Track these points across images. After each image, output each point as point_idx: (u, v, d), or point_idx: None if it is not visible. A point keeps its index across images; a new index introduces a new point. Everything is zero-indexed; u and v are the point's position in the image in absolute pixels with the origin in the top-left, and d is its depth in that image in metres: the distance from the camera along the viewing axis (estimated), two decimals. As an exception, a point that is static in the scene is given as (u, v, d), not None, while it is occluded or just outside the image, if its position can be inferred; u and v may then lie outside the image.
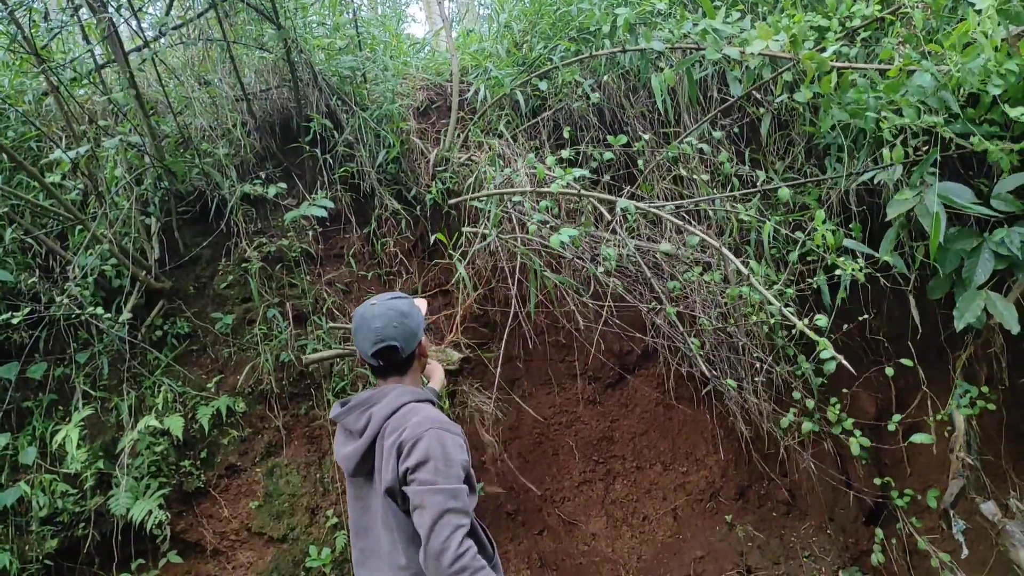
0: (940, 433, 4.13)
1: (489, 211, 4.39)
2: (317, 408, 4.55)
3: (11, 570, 3.93)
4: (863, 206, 4.38)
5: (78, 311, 4.08)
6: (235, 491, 4.37)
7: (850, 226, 4.05)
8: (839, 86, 3.66)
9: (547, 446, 4.98)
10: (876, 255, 3.88)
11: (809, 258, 4.16)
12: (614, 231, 4.29)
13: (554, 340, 5.01)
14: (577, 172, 4.28)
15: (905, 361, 3.89)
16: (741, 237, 4.41)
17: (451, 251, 4.45)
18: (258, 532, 4.30)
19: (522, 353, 4.87)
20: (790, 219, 4.41)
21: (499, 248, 4.46)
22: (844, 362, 3.35)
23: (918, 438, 3.90)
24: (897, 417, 4.00)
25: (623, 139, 4.14)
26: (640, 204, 4.10)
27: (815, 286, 4.08)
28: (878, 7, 3.82)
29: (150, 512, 3.98)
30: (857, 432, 3.83)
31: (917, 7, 3.55)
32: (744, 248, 4.27)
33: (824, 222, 3.66)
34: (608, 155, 4.39)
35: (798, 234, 3.98)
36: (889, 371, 4.09)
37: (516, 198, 4.37)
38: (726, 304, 4.24)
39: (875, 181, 3.99)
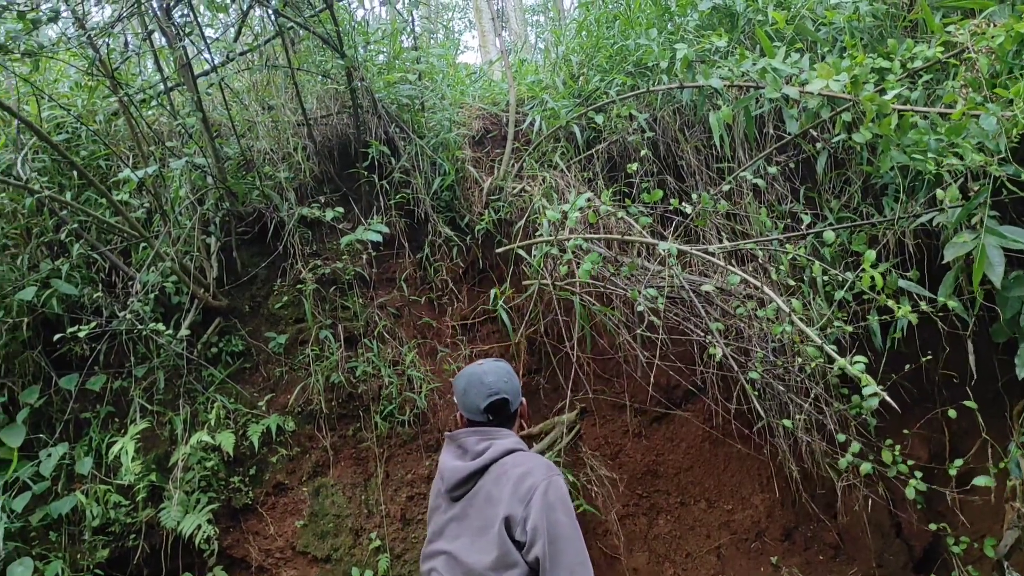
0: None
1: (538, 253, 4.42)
2: (365, 430, 4.59)
3: (63, 577, 4.01)
4: (921, 248, 4.33)
5: (139, 326, 4.19)
6: (281, 509, 4.43)
7: (908, 271, 4.01)
8: (899, 127, 3.65)
9: (591, 477, 4.96)
10: (932, 297, 3.84)
11: (866, 297, 4.12)
12: (662, 263, 4.31)
13: (600, 372, 5.00)
14: (633, 209, 4.32)
15: (969, 403, 3.80)
16: (795, 275, 4.38)
17: (501, 288, 4.50)
18: (302, 551, 4.34)
19: (569, 384, 4.87)
20: (845, 259, 4.38)
21: (550, 284, 4.49)
22: (888, 399, 3.32)
23: (980, 480, 3.80)
24: (958, 462, 3.92)
25: (659, 194, 4.11)
26: (684, 246, 4.10)
27: (869, 327, 4.05)
28: (940, 50, 3.81)
29: (199, 526, 4.05)
30: (917, 474, 3.74)
31: (982, 51, 3.53)
32: (799, 285, 4.24)
33: (875, 264, 3.64)
34: (658, 194, 4.42)
35: (848, 275, 3.95)
36: (952, 413, 4.01)
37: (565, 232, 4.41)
38: (779, 341, 4.21)
39: (933, 223, 3.95)
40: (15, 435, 4.16)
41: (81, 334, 3.94)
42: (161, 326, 4.19)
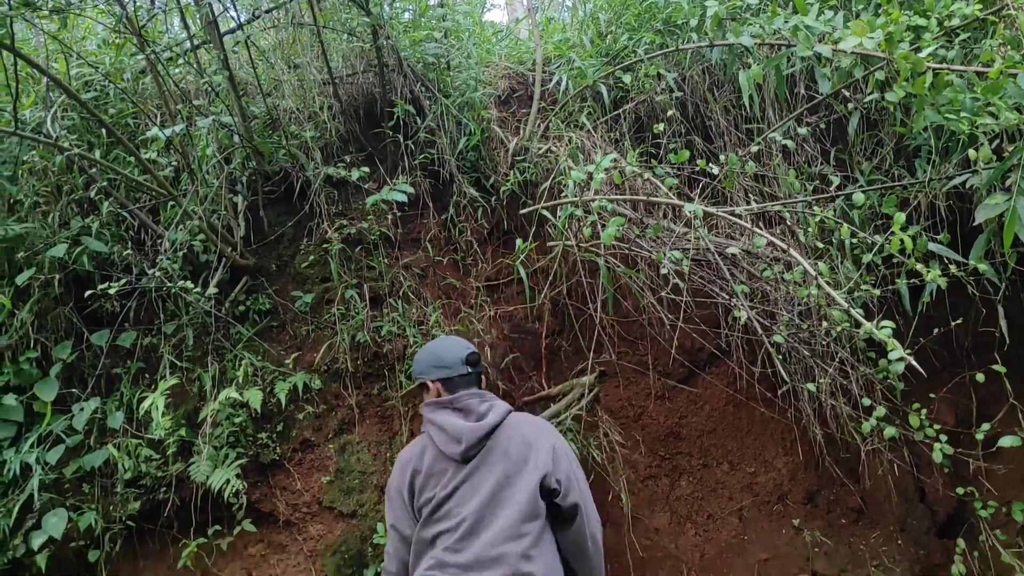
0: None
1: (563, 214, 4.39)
2: (390, 389, 4.63)
3: (96, 528, 4.11)
4: (953, 211, 4.26)
5: (168, 284, 4.23)
6: (308, 465, 4.49)
7: (939, 235, 3.95)
8: (934, 86, 3.57)
9: (610, 439, 4.98)
10: (963, 260, 3.78)
11: (895, 261, 4.07)
12: (688, 225, 4.28)
13: (624, 334, 5.00)
14: (659, 170, 4.28)
15: (997, 368, 3.76)
16: (823, 238, 4.33)
17: (524, 245, 4.48)
18: (329, 506, 4.41)
19: (591, 346, 4.87)
20: (875, 222, 4.32)
21: (575, 245, 4.47)
22: (915, 363, 3.28)
23: (1006, 441, 3.76)
24: (985, 426, 3.89)
25: (686, 155, 4.06)
26: (710, 208, 4.06)
27: (898, 291, 4.00)
28: (979, 7, 3.70)
29: (228, 481, 4.11)
30: (943, 438, 3.71)
31: (1022, 8, 3.44)
32: (827, 248, 4.19)
33: (905, 227, 3.58)
34: (685, 155, 4.36)
35: (877, 237, 3.89)
36: (980, 377, 3.97)
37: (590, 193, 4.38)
38: (805, 304, 4.18)
39: (966, 185, 3.88)
40: (48, 389, 4.25)
41: (111, 291, 3.98)
42: (189, 284, 4.23)
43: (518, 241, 4.49)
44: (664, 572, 4.67)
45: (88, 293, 4.15)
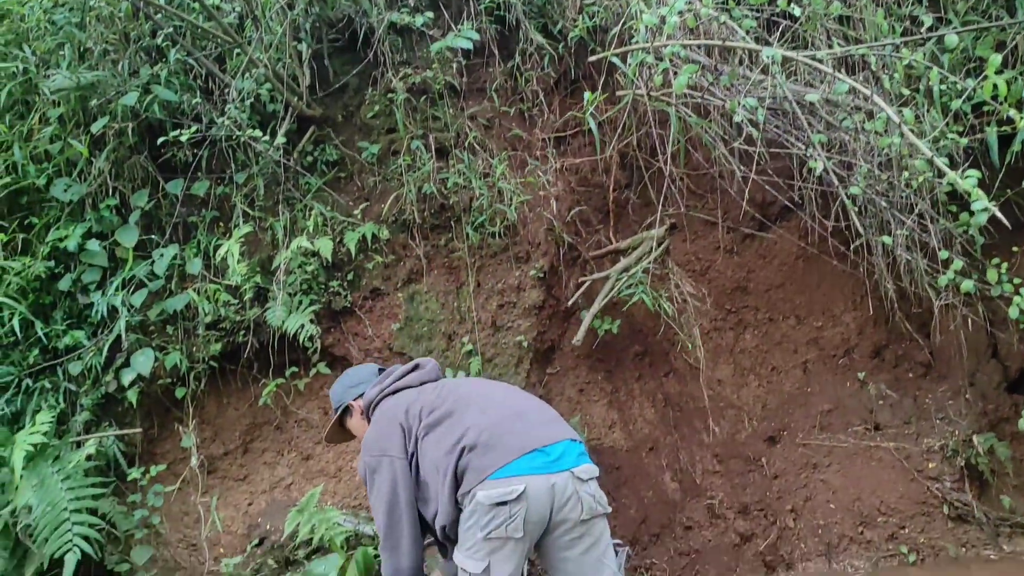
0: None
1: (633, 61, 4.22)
2: (456, 240, 4.66)
3: (181, 368, 4.34)
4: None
5: (237, 132, 4.27)
6: (378, 312, 4.62)
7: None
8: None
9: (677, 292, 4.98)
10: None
11: (985, 108, 3.86)
12: (765, 72, 4.09)
13: (694, 187, 4.90)
14: (736, 12, 4.06)
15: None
16: (909, 84, 4.10)
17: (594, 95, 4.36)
18: (399, 352, 4.55)
19: (660, 199, 4.80)
20: (967, 67, 4.07)
21: (645, 94, 4.33)
22: (999, 214, 3.15)
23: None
24: (1065, 283, 3.76)
25: None
26: (789, 53, 3.85)
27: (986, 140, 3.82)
28: None
29: (302, 326, 4.27)
30: (1023, 292, 3.61)
31: None
32: (913, 95, 3.98)
33: (1000, 71, 3.35)
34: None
35: (968, 82, 3.68)
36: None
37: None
38: (886, 154, 4.02)
39: (1073, 25, 3.61)
40: (129, 235, 4.40)
41: (183, 138, 4.05)
42: (258, 132, 4.27)
43: (586, 94, 4.36)
44: (726, 422, 4.76)
45: (160, 140, 4.22)
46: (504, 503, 2.48)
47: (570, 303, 4.69)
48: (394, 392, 2.98)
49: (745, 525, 4.36)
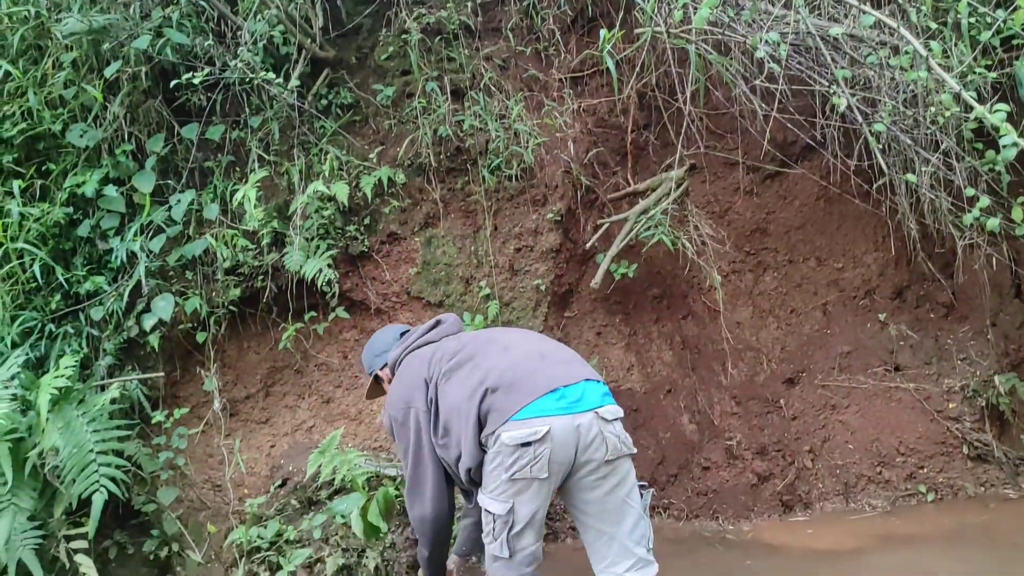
0: None
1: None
2: (473, 184, 4.63)
3: (201, 312, 4.36)
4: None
5: (250, 75, 4.22)
6: (396, 257, 4.61)
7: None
8: None
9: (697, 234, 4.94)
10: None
11: (1015, 43, 3.75)
12: (788, 6, 3.98)
13: (713, 127, 4.82)
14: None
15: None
16: (937, 17, 3.99)
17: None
18: (417, 296, 4.56)
19: (679, 139, 4.74)
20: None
21: (664, 31, 4.23)
22: (1028, 146, 3.09)
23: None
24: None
25: None
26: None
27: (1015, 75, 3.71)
28: None
29: (320, 270, 4.25)
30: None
31: None
32: (941, 29, 3.87)
33: (1030, -1, 3.24)
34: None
35: (999, 13, 3.56)
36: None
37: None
38: (911, 90, 3.92)
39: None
40: (146, 181, 4.39)
41: (196, 80, 4.01)
42: (272, 75, 4.22)
43: (603, 32, 4.27)
44: (744, 363, 4.75)
45: (174, 83, 4.18)
46: (528, 444, 2.48)
47: (588, 246, 4.66)
48: (417, 348, 3.01)
49: (763, 465, 4.38)
